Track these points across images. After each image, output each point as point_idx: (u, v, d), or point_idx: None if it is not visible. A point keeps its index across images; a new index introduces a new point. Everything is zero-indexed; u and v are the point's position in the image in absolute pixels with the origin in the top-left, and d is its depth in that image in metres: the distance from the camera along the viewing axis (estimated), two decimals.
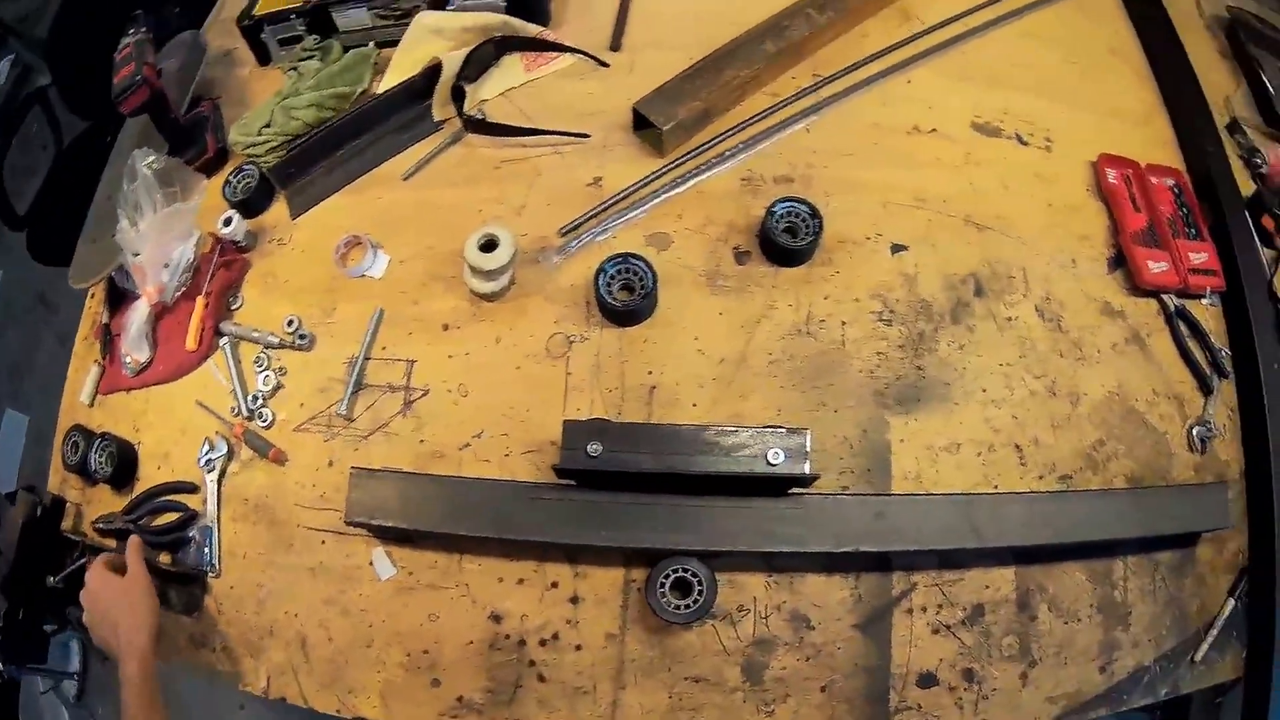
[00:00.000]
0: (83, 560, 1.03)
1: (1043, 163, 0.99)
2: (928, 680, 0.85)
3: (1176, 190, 1.05)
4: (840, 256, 0.92)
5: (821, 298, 0.91)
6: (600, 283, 0.90)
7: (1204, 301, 1.01)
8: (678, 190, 0.97)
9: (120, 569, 0.86)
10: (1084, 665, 0.89)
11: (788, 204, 0.91)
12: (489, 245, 0.91)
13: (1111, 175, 1.02)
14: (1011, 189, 0.97)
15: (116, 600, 0.83)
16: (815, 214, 0.91)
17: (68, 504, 1.07)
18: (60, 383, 1.14)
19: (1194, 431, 0.95)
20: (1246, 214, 1.04)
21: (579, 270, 0.95)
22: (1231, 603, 0.94)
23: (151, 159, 0.96)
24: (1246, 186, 1.08)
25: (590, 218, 0.97)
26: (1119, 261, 0.98)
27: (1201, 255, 1.00)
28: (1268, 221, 1.09)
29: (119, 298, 1.07)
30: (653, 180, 0.98)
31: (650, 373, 0.90)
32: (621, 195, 0.98)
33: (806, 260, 0.92)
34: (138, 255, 0.97)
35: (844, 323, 0.90)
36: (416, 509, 0.84)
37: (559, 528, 0.82)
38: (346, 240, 0.98)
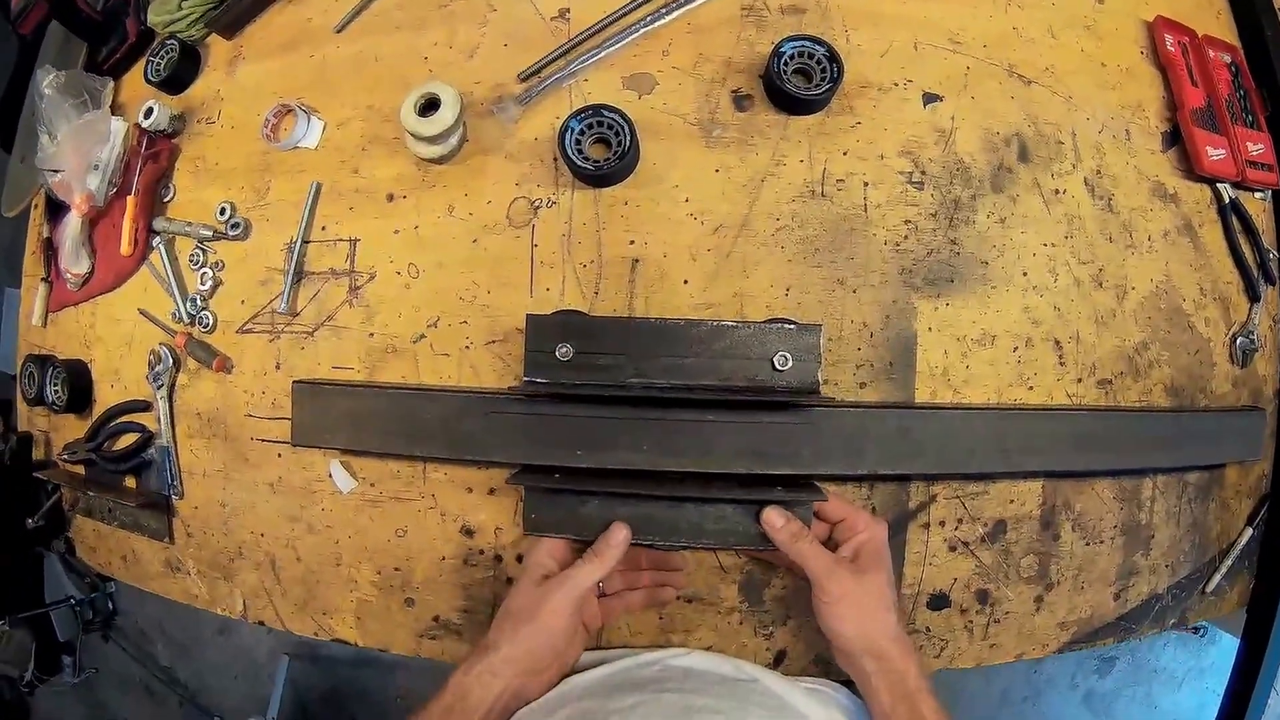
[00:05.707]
0: (59, 494, 1.01)
1: (1094, 14, 0.83)
2: (939, 601, 0.75)
3: (1234, 69, 0.91)
4: (863, 105, 0.75)
5: (840, 153, 0.74)
6: (567, 142, 0.73)
7: (1257, 195, 0.89)
8: (663, 21, 0.77)
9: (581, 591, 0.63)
10: (1100, 590, 0.81)
11: (799, 43, 0.73)
12: (429, 106, 0.75)
13: (1170, 41, 0.87)
14: (1060, 40, 0.81)
15: (559, 621, 0.61)
16: (834, 57, 0.73)
17: (36, 436, 1.04)
18: None
19: (1237, 342, 0.86)
20: None
21: (544, 121, 0.77)
22: (1249, 531, 0.88)
23: (52, 76, 0.93)
24: None
25: (556, 58, 0.79)
26: (1173, 139, 0.84)
27: (1259, 147, 0.88)
28: None
29: (58, 208, 1.01)
30: (631, 10, 0.79)
31: (632, 243, 0.74)
32: (593, 30, 0.79)
33: (821, 109, 0.75)
34: (59, 172, 0.92)
35: (867, 184, 0.74)
36: (366, 428, 0.73)
37: (525, 448, 0.69)
38: (275, 110, 0.85)
